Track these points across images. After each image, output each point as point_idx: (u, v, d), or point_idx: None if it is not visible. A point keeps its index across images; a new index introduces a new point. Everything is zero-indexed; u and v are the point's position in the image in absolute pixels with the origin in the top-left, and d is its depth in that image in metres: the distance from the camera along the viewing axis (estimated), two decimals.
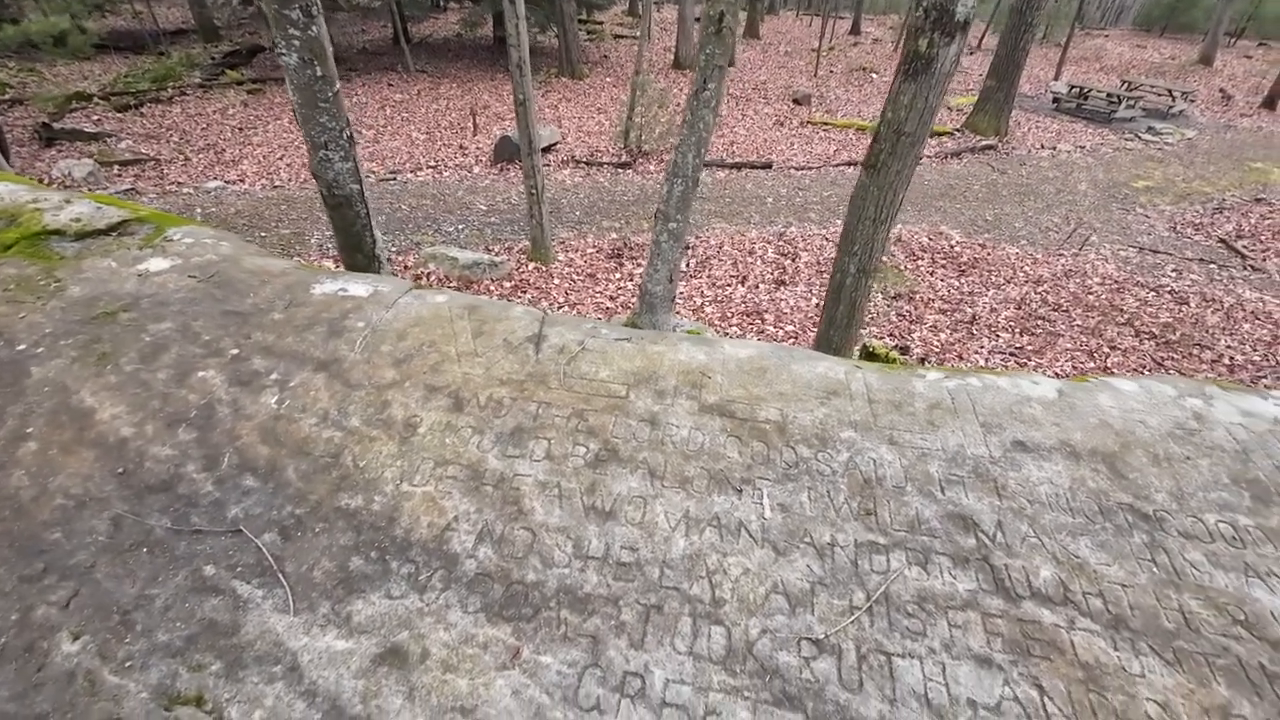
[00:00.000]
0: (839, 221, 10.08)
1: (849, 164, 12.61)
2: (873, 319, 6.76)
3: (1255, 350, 6.66)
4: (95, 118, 12.69)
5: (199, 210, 8.82)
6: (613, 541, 1.51)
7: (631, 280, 7.14)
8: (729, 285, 7.33)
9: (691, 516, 1.58)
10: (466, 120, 13.75)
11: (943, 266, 8.49)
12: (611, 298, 6.70)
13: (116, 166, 10.42)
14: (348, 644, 1.30)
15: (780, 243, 8.82)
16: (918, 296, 7.42)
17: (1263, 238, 9.92)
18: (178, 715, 1.18)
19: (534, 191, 6.63)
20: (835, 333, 4.00)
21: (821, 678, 1.30)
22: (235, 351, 1.96)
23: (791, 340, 6.29)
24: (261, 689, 1.22)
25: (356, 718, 1.19)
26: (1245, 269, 8.99)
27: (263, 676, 1.24)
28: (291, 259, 2.54)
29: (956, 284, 7.96)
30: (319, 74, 3.38)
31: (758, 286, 7.37)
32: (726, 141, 13.73)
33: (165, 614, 1.34)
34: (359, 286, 2.28)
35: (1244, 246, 9.61)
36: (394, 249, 7.79)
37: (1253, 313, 7.57)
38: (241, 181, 10.25)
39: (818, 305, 7.10)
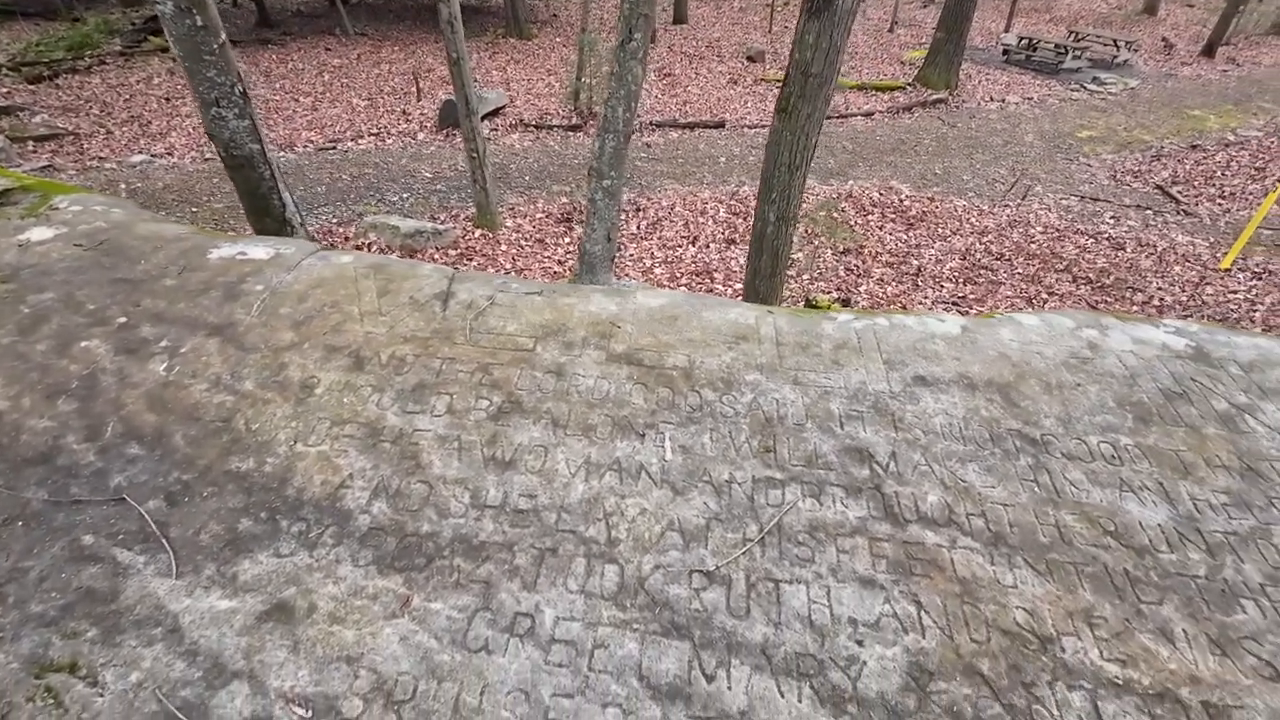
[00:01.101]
0: None
1: None
2: (821, 274, 6.83)
3: (1183, 291, 6.93)
4: (4, 90, 11.83)
5: (123, 186, 8.36)
6: (511, 490, 1.51)
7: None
8: (679, 246, 7.30)
9: (593, 462, 1.59)
10: (410, 85, 13.22)
11: (892, 221, 8.58)
12: (560, 262, 6.62)
13: (31, 142, 9.76)
14: (232, 603, 1.28)
15: (732, 202, 8.79)
16: (866, 251, 7.50)
17: (1196, 183, 10.25)
18: (49, 682, 1.15)
19: (475, 156, 6.44)
20: (760, 283, 4.00)
21: (710, 607, 1.33)
22: (123, 320, 1.88)
23: (739, 298, 6.32)
24: (139, 651, 1.20)
25: (239, 673, 1.18)
26: (1179, 213, 9.29)
27: (141, 640, 1.22)
28: (226, 232, 2.43)
29: (905, 237, 8.06)
30: (199, 24, 3.16)
31: (708, 246, 7.36)
32: (680, 101, 13.50)
33: (40, 585, 1.30)
34: (260, 249, 2.19)
35: (1178, 192, 9.92)
36: (335, 220, 7.53)
37: (1183, 255, 7.86)
38: (170, 154, 9.73)
39: None
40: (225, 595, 1.29)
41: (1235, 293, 7.00)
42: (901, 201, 9.13)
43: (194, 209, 7.85)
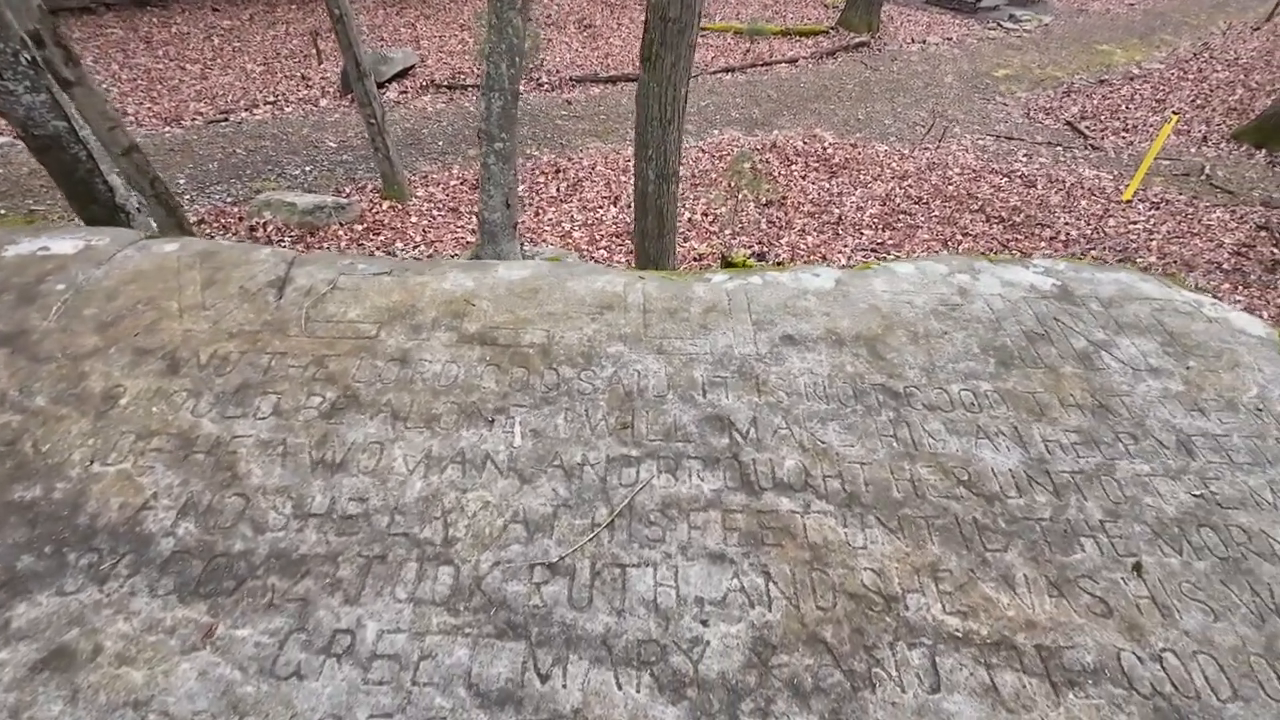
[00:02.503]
0: (716, 131, 9.91)
1: (726, 70, 12.29)
2: (743, 228, 6.77)
3: (1088, 225, 7.19)
4: None
5: None
6: (339, 495, 1.40)
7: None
8: (601, 207, 7.10)
9: (434, 456, 1.48)
10: (310, 47, 12.28)
11: (815, 170, 8.56)
12: (474, 231, 6.34)
13: None
14: (1, 655, 1.14)
15: None
16: (788, 202, 7.47)
17: (1103, 117, 10.58)
18: None
19: (373, 122, 6.03)
20: (650, 244, 3.87)
21: (550, 601, 1.27)
22: None
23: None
24: None
25: None
26: (1087, 148, 9.60)
27: None
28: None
29: (827, 186, 8.06)
30: None
31: (630, 206, 7.18)
32: (601, 54, 13.01)
33: None
34: (67, 243, 1.94)
35: (1086, 127, 10.23)
36: (229, 200, 6.98)
37: (1090, 190, 8.14)
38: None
39: (690, 219, 7.03)
40: None
41: (1135, 223, 7.31)
42: (825, 149, 9.11)
43: (32, 200, 7.11)
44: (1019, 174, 8.55)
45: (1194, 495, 1.51)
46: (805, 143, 9.38)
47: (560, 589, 1.28)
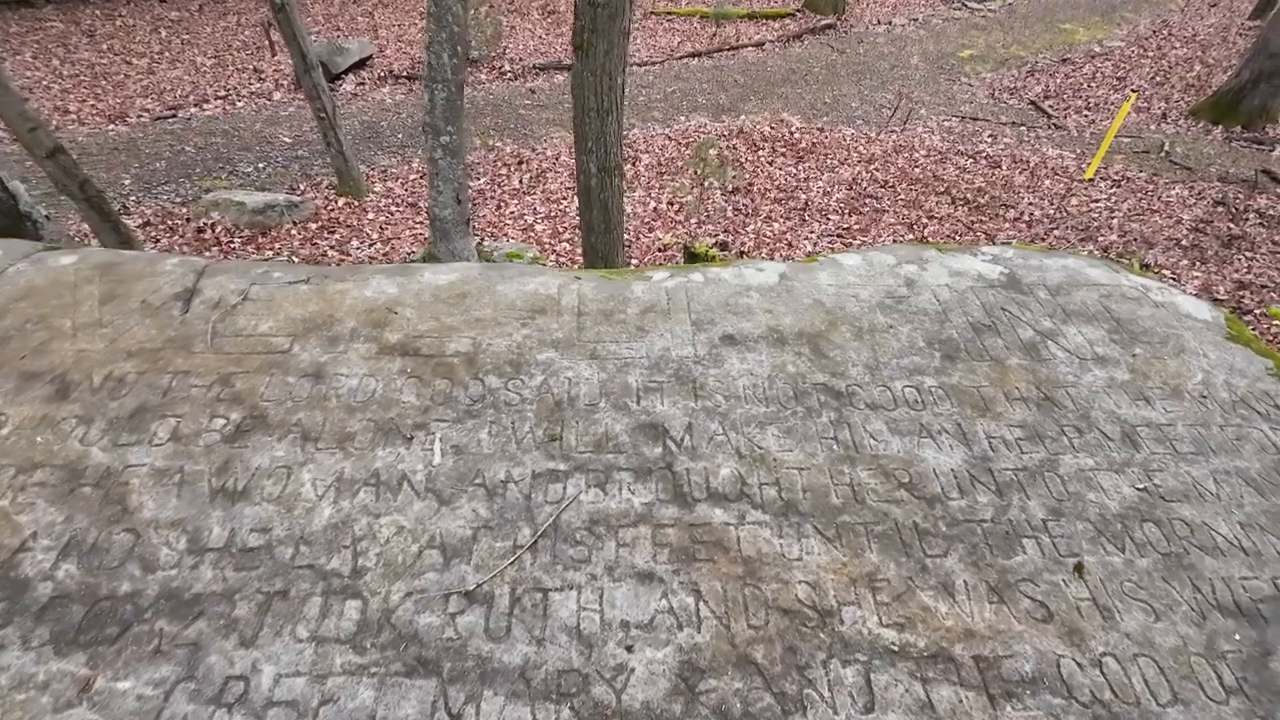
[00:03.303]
0: (682, 119, 9.78)
1: (693, 55, 12.15)
2: (708, 216, 6.69)
3: (1051, 205, 7.23)
4: None
5: None
6: (240, 526, 1.30)
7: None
8: (564, 199, 6.96)
9: (345, 479, 1.39)
10: (263, 38, 11.86)
11: (782, 155, 8.49)
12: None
13: None
14: None
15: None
16: (755, 189, 7.40)
17: (1065, 96, 10.65)
18: None
19: (323, 116, 5.81)
20: (597, 240, 3.74)
21: (466, 632, 1.19)
22: None
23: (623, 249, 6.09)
24: None
25: None
26: (1050, 127, 9.66)
27: None
28: None
29: (794, 171, 8.01)
30: None
31: None
32: (566, 41, 12.76)
33: None
34: None
35: (1050, 106, 10.28)
36: (177, 200, 6.71)
37: (1053, 169, 8.19)
38: None
39: (655, 209, 6.93)
40: None
41: (1097, 201, 7.37)
42: (792, 134, 9.04)
43: None
44: (984, 155, 8.58)
45: (1137, 489, 1.47)
46: (772, 128, 9.30)
47: (477, 619, 1.21)
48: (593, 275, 1.95)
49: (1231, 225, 6.69)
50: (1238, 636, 1.24)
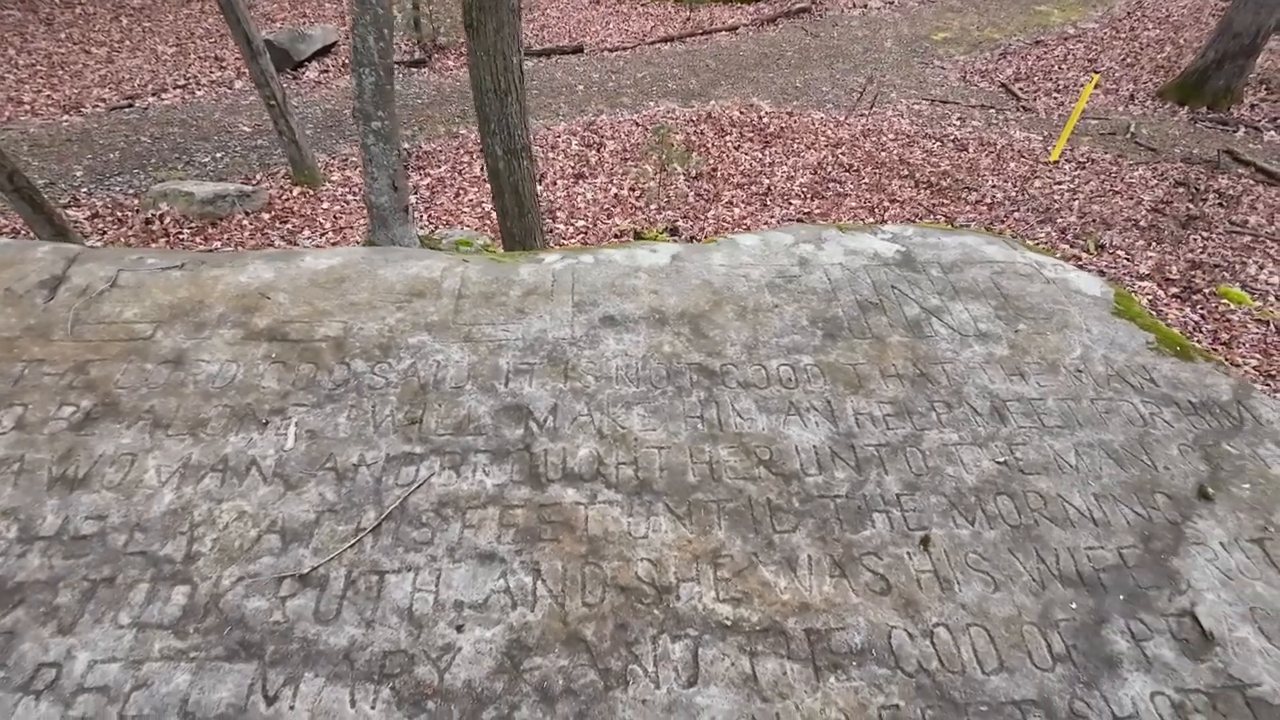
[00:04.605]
0: (651, 104, 9.71)
1: (665, 40, 12.04)
2: (669, 202, 6.65)
3: (1014, 187, 7.24)
4: None
5: None
6: (75, 514, 1.28)
7: (415, 193, 6.53)
8: None
9: (192, 465, 1.37)
10: (225, 26, 11.65)
11: (750, 140, 8.45)
12: None
13: None
14: None
15: (586, 133, 8.37)
16: (718, 174, 7.36)
17: (1036, 79, 10.63)
18: None
19: (273, 104, 5.72)
20: (512, 224, 3.67)
21: (294, 615, 1.18)
22: None
23: (580, 237, 6.05)
24: None
25: None
26: (1019, 110, 9.65)
27: None
28: None
29: (760, 156, 7.97)
30: None
31: (555, 183, 7.00)
32: (537, 26, 12.61)
33: None
34: None
35: (1020, 89, 10.27)
36: (129, 191, 6.60)
37: (1019, 152, 8.19)
38: None
39: (615, 195, 6.88)
40: None
41: (1060, 184, 7.38)
42: (760, 119, 8.99)
43: None
44: (952, 138, 8.56)
45: (997, 463, 1.48)
46: (741, 113, 9.24)
47: (307, 602, 1.20)
48: (482, 258, 1.93)
49: (1190, 206, 6.73)
50: (1074, 605, 1.25)
